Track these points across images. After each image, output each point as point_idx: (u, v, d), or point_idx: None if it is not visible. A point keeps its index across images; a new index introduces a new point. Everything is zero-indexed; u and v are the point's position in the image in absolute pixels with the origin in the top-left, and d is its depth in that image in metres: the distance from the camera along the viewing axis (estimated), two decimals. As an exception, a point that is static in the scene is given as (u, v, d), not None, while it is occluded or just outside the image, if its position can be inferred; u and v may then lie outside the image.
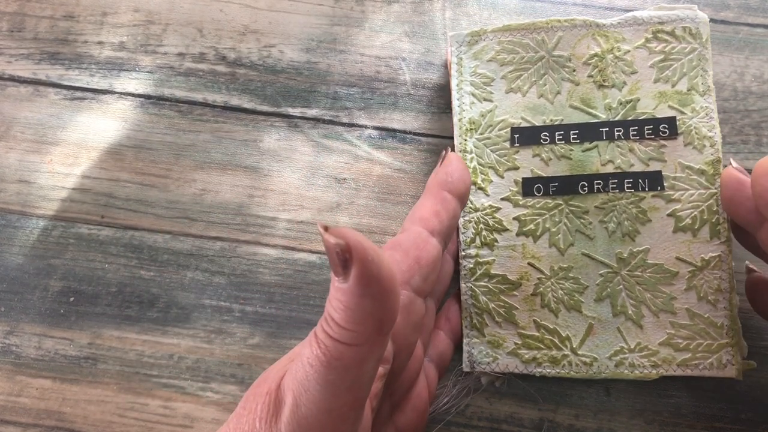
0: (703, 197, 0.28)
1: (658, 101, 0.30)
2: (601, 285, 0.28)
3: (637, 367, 0.28)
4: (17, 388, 0.30)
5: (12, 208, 0.33)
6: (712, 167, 0.29)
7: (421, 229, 0.24)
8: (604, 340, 0.28)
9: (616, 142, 0.30)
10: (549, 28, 0.31)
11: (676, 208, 0.29)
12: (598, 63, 0.30)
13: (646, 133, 0.29)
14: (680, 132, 0.29)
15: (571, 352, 0.28)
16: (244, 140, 0.33)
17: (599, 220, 0.29)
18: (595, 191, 0.29)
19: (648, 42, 0.30)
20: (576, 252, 0.29)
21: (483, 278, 0.29)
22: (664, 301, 0.28)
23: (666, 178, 0.29)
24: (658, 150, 0.29)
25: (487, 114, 0.31)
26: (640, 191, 0.29)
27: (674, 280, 0.28)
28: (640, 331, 0.28)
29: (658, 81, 0.30)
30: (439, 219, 0.24)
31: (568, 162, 0.30)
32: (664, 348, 0.28)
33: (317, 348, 0.17)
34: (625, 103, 0.30)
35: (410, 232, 0.24)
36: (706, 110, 0.29)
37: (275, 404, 0.18)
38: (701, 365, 0.27)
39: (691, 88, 0.29)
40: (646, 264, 0.28)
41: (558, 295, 0.29)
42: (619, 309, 0.28)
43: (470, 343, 0.29)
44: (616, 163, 0.29)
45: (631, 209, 0.29)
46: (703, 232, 0.28)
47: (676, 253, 0.28)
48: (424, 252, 0.23)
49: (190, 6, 0.36)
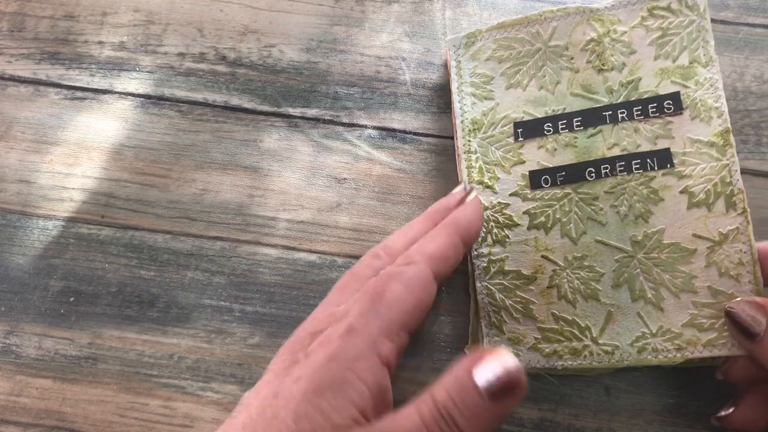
0: (715, 169, 0.28)
1: (660, 78, 0.29)
2: (617, 271, 0.28)
3: (660, 351, 0.27)
4: (17, 388, 0.30)
5: (12, 208, 0.33)
6: (722, 138, 0.28)
7: (429, 270, 0.23)
8: (624, 327, 0.27)
9: (621, 124, 0.29)
10: (543, 20, 0.31)
11: (688, 184, 0.28)
12: (596, 48, 0.30)
13: (650, 111, 0.29)
14: (685, 106, 0.28)
15: (591, 341, 0.27)
16: (244, 140, 0.34)
17: (610, 204, 0.28)
18: (603, 176, 0.29)
19: (644, 20, 0.30)
20: (589, 240, 0.28)
21: (497, 276, 0.29)
22: (684, 280, 0.27)
23: (675, 154, 0.28)
24: (664, 127, 0.28)
25: (489, 112, 0.31)
26: (650, 171, 0.28)
27: (693, 258, 0.27)
28: (661, 315, 0.27)
29: (658, 58, 0.29)
30: (445, 264, 0.24)
31: (574, 150, 0.29)
32: (687, 329, 0.27)
33: None
34: (627, 84, 0.29)
35: (420, 269, 0.23)
36: (710, 81, 0.28)
37: None
38: (729, 344, 0.26)
39: (693, 60, 0.29)
40: (662, 245, 0.28)
41: (574, 285, 0.28)
42: (638, 294, 0.27)
43: (491, 342, 0.28)
44: (622, 146, 0.29)
45: (641, 190, 0.28)
46: (719, 206, 0.27)
47: (693, 230, 0.27)
48: (427, 296, 0.23)
49: (190, 6, 0.36)
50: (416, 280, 0.23)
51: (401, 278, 0.22)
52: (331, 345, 0.21)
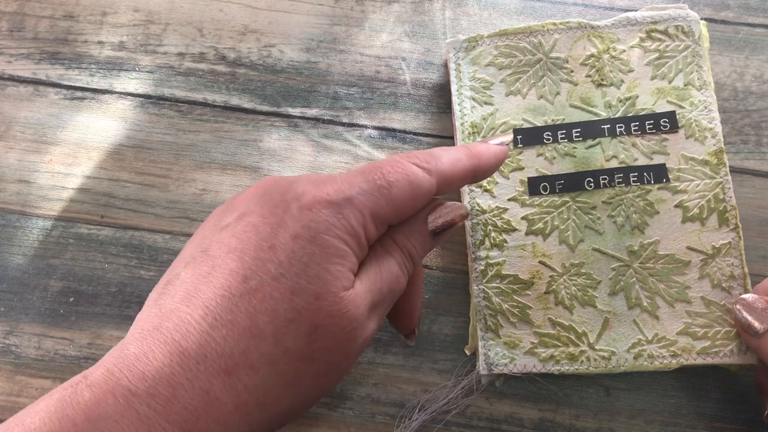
0: (708, 186, 0.29)
1: (656, 97, 0.30)
2: (613, 279, 0.29)
3: (656, 357, 0.28)
4: (17, 388, 0.30)
5: (12, 208, 0.33)
6: (716, 157, 0.29)
7: (435, 185, 0.24)
8: (621, 334, 0.28)
9: (619, 137, 0.30)
10: (545, 31, 0.31)
11: (682, 198, 0.29)
12: (595, 63, 0.31)
13: (647, 127, 0.30)
14: (681, 125, 0.30)
15: (588, 347, 0.28)
16: (244, 140, 0.33)
17: (607, 214, 0.29)
18: (601, 186, 0.29)
19: (642, 41, 0.31)
20: (586, 248, 0.29)
21: (495, 279, 0.29)
22: (679, 290, 0.28)
23: (670, 170, 0.29)
24: (660, 143, 0.30)
25: (489, 117, 0.31)
26: (646, 184, 0.29)
27: (687, 270, 0.28)
28: (656, 322, 0.28)
29: (654, 78, 0.30)
30: (447, 187, 0.25)
31: (573, 159, 0.30)
32: (682, 337, 0.28)
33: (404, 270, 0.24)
34: (625, 100, 0.30)
35: (431, 182, 0.24)
36: (704, 104, 0.30)
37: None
38: (721, 353, 0.27)
39: (688, 83, 0.30)
40: (657, 255, 0.29)
41: (571, 291, 0.29)
42: (634, 301, 0.28)
43: (486, 345, 0.29)
44: (620, 158, 0.30)
45: (638, 202, 0.29)
46: (712, 221, 0.29)
47: (687, 242, 0.29)
48: (419, 206, 0.24)
49: (190, 6, 0.36)
50: (424, 187, 0.23)
51: (413, 180, 0.23)
52: (328, 208, 0.21)
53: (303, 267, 0.20)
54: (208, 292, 0.20)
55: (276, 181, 0.23)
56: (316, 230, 0.21)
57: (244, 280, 0.20)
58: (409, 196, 0.23)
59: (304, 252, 0.20)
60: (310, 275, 0.20)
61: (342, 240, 0.21)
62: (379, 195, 0.22)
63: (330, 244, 0.21)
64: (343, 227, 0.21)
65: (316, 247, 0.21)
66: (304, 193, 0.22)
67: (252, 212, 0.22)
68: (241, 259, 0.20)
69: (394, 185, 0.22)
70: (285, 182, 0.23)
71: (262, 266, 0.20)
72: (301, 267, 0.20)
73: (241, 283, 0.20)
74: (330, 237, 0.21)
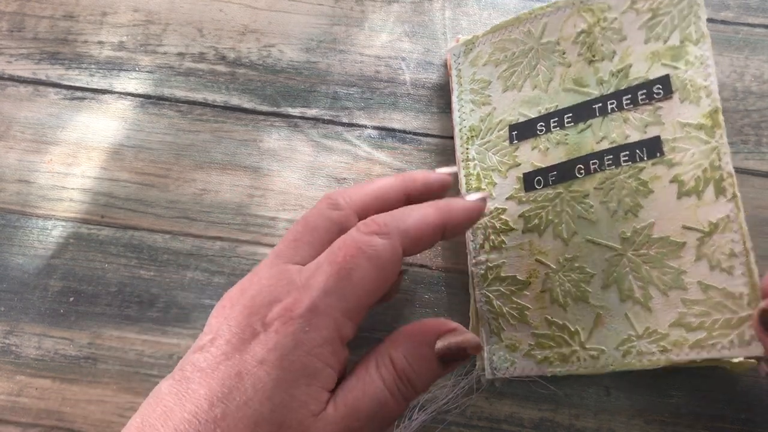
0: (704, 153, 0.26)
1: (650, 62, 0.28)
2: (607, 271, 0.27)
3: (645, 354, 0.26)
4: (17, 388, 0.30)
5: (12, 208, 0.33)
6: (711, 119, 0.26)
7: (401, 248, 0.22)
8: (612, 330, 0.27)
9: (610, 115, 0.28)
10: (533, 18, 0.31)
11: (678, 172, 0.27)
12: (586, 39, 0.30)
13: (639, 99, 0.28)
14: (675, 89, 0.27)
15: (579, 346, 0.27)
16: (244, 140, 0.33)
17: (600, 201, 0.28)
18: (591, 172, 0.28)
19: (634, 3, 0.29)
20: (580, 240, 0.28)
21: (495, 283, 0.29)
22: (673, 277, 0.26)
23: (665, 142, 0.27)
24: (654, 114, 0.28)
25: (486, 118, 0.31)
26: (639, 162, 0.27)
27: (682, 252, 0.26)
28: (648, 315, 0.26)
29: (648, 41, 0.28)
30: (417, 247, 0.23)
31: (565, 147, 0.29)
32: (674, 330, 0.25)
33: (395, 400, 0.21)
34: (617, 73, 0.29)
35: (393, 246, 0.22)
36: (700, 59, 0.27)
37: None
38: (719, 345, 0.24)
39: (684, 39, 0.28)
40: (651, 240, 0.27)
41: (565, 287, 0.28)
42: (626, 293, 0.27)
43: (491, 349, 0.28)
44: (611, 138, 0.28)
45: (630, 183, 0.27)
46: (708, 192, 0.26)
47: (682, 221, 0.26)
48: (392, 275, 0.22)
49: (190, 6, 0.36)
50: (386, 257, 0.21)
51: (372, 255, 0.21)
52: (293, 324, 0.20)
53: (268, 394, 0.19)
54: (180, 414, 0.19)
55: (241, 292, 0.22)
56: (282, 352, 0.20)
57: (210, 407, 0.19)
58: (373, 275, 0.21)
59: (269, 378, 0.20)
60: (275, 403, 0.19)
61: (313, 355, 0.20)
62: (343, 287, 0.21)
63: (298, 364, 0.20)
64: (312, 341, 0.20)
65: (282, 372, 0.20)
66: (268, 312, 0.21)
67: (221, 336, 0.21)
68: (209, 385, 0.20)
69: (354, 270, 0.21)
70: (248, 298, 0.22)
71: (228, 394, 0.19)
72: (265, 394, 0.19)
73: (207, 411, 0.19)
74: (299, 356, 0.20)
